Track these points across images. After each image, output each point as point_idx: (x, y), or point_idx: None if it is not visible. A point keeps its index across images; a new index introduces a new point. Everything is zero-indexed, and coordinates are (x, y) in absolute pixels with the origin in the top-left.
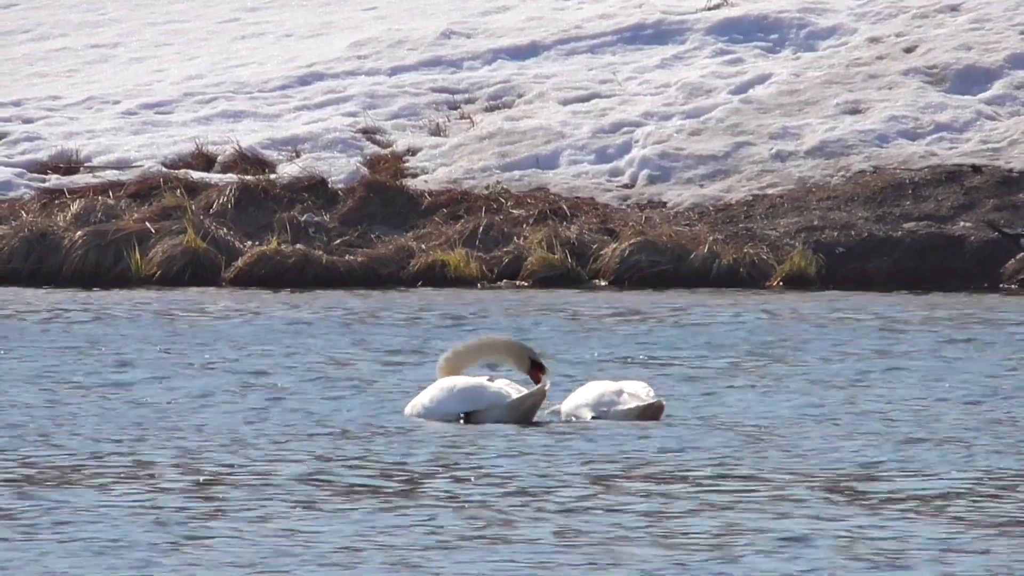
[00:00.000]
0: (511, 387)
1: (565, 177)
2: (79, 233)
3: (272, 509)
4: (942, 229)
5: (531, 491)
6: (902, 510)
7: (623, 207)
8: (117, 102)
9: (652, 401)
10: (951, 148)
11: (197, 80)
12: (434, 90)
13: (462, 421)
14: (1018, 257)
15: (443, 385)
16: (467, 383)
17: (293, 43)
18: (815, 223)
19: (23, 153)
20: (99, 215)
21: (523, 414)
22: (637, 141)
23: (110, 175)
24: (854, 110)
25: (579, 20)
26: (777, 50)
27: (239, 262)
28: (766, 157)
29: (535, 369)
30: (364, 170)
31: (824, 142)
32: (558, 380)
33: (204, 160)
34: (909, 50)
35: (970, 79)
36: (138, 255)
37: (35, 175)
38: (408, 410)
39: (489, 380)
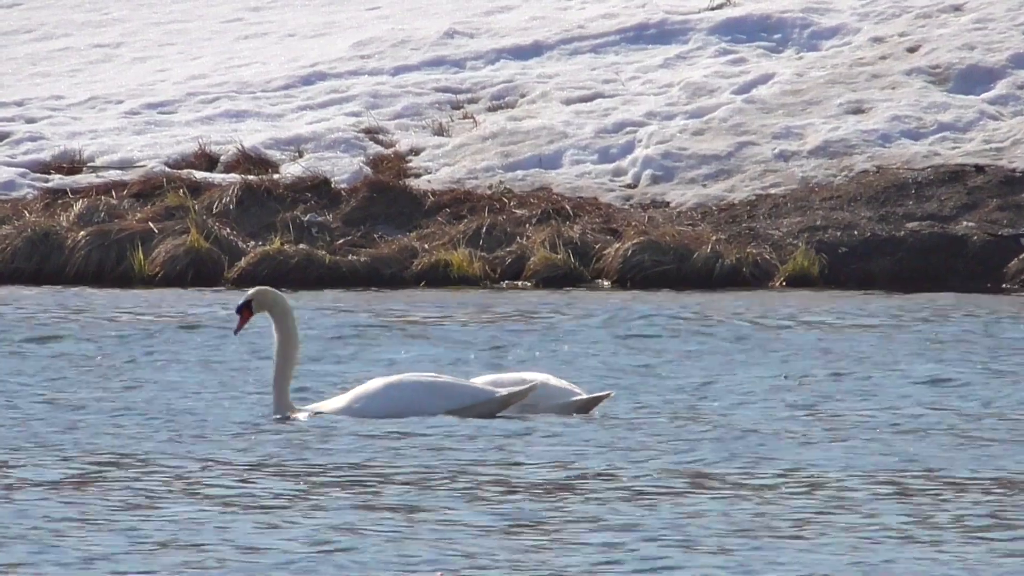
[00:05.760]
0: (481, 383)
1: (568, 177)
2: (82, 233)
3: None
4: (945, 229)
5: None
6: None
7: (626, 207)
8: (120, 102)
9: (600, 394)
10: (954, 148)
11: (200, 80)
12: (437, 90)
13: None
14: (1021, 257)
15: (410, 382)
16: (443, 380)
17: (296, 43)
18: (818, 223)
19: (26, 153)
20: (102, 215)
21: (501, 410)
22: (640, 141)
23: (113, 175)
24: (857, 110)
25: (582, 20)
26: (780, 50)
27: (242, 262)
28: (769, 157)
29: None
30: (367, 170)
31: (827, 142)
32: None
33: (207, 160)
34: (912, 50)
35: (973, 79)
36: (141, 255)
37: (38, 175)
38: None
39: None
